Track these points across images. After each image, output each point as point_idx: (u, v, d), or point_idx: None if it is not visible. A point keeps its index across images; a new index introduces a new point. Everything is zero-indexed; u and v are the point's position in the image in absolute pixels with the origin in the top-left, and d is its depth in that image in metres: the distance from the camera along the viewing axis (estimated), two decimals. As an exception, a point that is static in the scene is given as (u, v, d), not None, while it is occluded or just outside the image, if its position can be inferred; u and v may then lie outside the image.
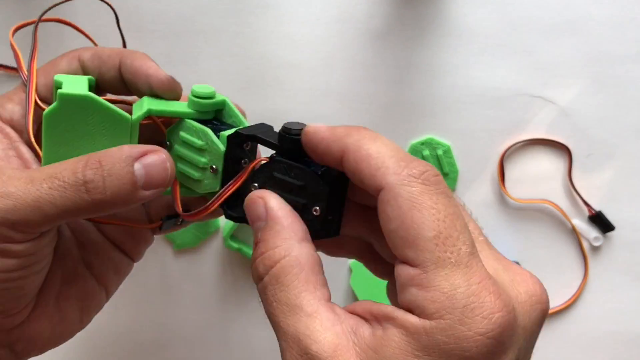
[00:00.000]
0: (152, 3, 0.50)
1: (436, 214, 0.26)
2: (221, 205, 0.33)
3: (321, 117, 0.51)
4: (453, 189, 0.52)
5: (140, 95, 0.36)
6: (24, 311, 0.36)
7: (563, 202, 0.52)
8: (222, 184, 0.34)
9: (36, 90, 0.35)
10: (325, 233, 0.31)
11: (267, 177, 0.32)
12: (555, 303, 0.53)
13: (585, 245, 0.53)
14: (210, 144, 0.33)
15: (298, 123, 0.31)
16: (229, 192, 0.33)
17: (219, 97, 0.35)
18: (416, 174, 0.27)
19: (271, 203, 0.31)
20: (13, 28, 0.37)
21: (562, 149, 0.51)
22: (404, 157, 0.28)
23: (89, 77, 0.36)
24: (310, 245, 0.30)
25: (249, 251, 0.53)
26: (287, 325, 0.28)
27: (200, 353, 0.55)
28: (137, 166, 0.32)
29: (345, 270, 0.54)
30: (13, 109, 0.36)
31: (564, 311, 0.54)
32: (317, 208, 0.30)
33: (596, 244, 0.52)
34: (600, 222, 0.52)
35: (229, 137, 0.33)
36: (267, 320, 0.56)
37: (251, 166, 0.32)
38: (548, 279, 0.53)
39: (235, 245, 0.52)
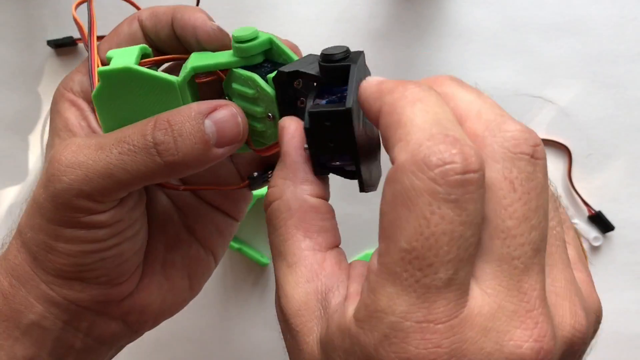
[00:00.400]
0: (152, 3, 0.50)
1: (423, 227, 0.21)
2: None
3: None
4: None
5: (193, 51, 0.33)
6: (132, 280, 0.36)
7: (563, 202, 0.52)
8: None
9: (100, 60, 0.34)
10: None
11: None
12: (555, 303, 0.53)
13: (585, 245, 0.53)
14: (260, 91, 0.31)
15: (339, 47, 0.28)
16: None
17: (263, 36, 0.31)
18: (432, 165, 0.21)
19: (285, 135, 0.29)
20: (75, 3, 0.36)
21: (562, 149, 0.51)
22: (437, 134, 0.21)
23: (142, 46, 0.34)
24: (312, 188, 0.28)
25: (249, 251, 0.53)
26: (275, 269, 0.27)
27: (200, 353, 0.55)
28: (208, 123, 0.31)
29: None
30: (82, 80, 0.35)
31: (564, 311, 0.54)
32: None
33: (596, 244, 0.52)
34: (600, 222, 0.52)
35: (273, 79, 0.30)
36: (267, 320, 0.57)
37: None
38: (548, 279, 0.53)
39: (235, 245, 0.52)
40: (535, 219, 0.22)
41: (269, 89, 0.30)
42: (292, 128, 0.29)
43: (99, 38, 0.36)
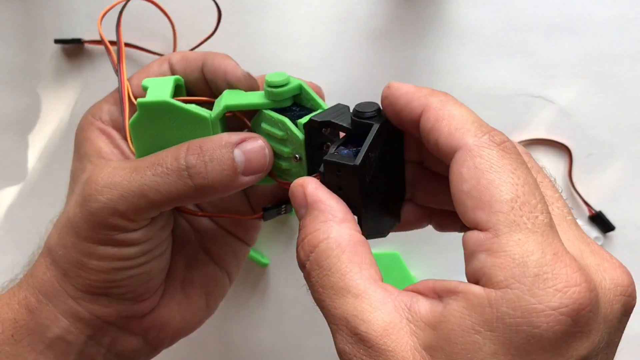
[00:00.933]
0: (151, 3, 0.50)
1: (515, 179, 0.25)
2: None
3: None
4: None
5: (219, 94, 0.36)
6: (155, 297, 0.38)
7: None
8: (309, 172, 0.33)
9: (130, 91, 0.37)
10: (389, 224, 0.31)
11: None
12: (555, 303, 0.53)
13: (585, 245, 0.53)
14: (290, 134, 0.33)
15: (371, 104, 0.30)
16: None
17: (294, 82, 0.34)
18: (497, 141, 0.26)
19: (309, 189, 0.30)
20: (100, 18, 0.38)
21: (562, 149, 0.51)
22: (485, 125, 0.27)
23: (176, 77, 0.37)
24: (352, 225, 0.29)
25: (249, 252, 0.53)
26: (335, 309, 0.27)
27: (200, 353, 0.55)
28: (237, 152, 0.33)
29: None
30: (111, 110, 0.38)
31: (564, 311, 0.54)
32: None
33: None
34: (601, 222, 0.52)
35: (305, 125, 0.32)
36: (267, 320, 0.57)
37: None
38: (548, 279, 0.53)
39: (235, 245, 0.52)
40: (553, 188, 0.29)
41: (298, 133, 0.33)
42: (312, 182, 0.30)
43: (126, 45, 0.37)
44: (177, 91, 0.36)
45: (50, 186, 0.53)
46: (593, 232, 0.52)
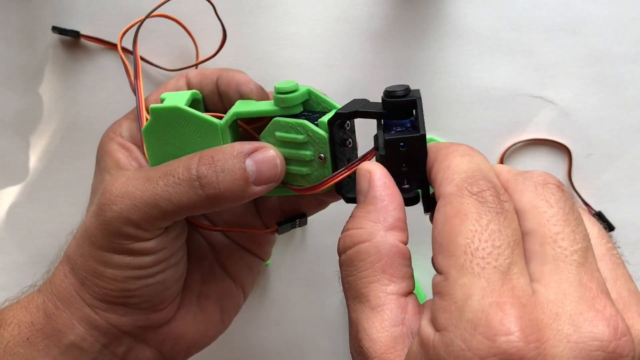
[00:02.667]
0: (152, 3, 0.50)
1: (476, 225, 0.24)
2: (338, 191, 0.34)
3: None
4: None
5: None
6: (171, 308, 0.38)
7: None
8: (334, 169, 0.33)
9: (146, 108, 0.37)
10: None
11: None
12: (555, 303, 0.53)
13: (585, 245, 0.53)
14: (312, 135, 0.33)
15: (400, 85, 0.31)
16: (342, 177, 0.33)
17: (302, 88, 0.34)
18: (474, 191, 0.26)
19: (376, 179, 0.29)
20: (120, 36, 0.39)
21: (562, 149, 0.51)
22: (476, 175, 0.26)
23: (193, 91, 0.38)
24: (401, 235, 0.29)
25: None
26: (352, 312, 0.28)
27: (200, 353, 0.55)
28: (249, 162, 0.33)
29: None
30: (130, 127, 0.39)
31: (564, 311, 0.54)
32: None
33: (596, 244, 0.52)
34: (600, 223, 0.52)
35: (329, 121, 0.33)
36: (267, 320, 0.57)
37: (367, 158, 0.32)
38: (548, 279, 0.53)
39: (235, 245, 0.52)
40: (574, 223, 0.26)
41: (322, 132, 0.33)
42: (379, 173, 0.30)
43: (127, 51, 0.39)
44: (194, 105, 0.37)
45: (51, 186, 0.53)
46: (593, 232, 0.52)
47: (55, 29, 0.49)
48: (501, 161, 0.51)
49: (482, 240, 0.24)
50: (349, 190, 0.34)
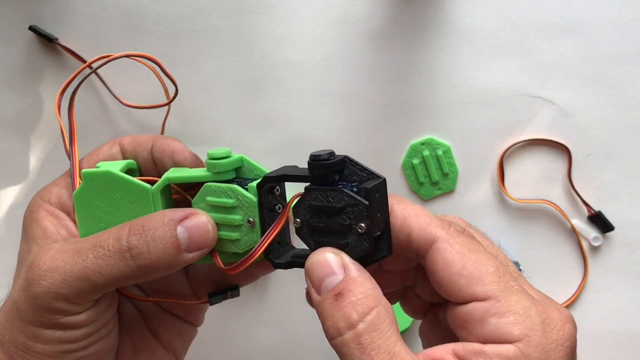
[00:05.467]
0: (153, 4, 0.50)
1: (489, 254, 0.30)
2: (266, 257, 0.33)
3: (321, 117, 0.51)
4: (453, 189, 0.52)
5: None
6: None
7: (562, 202, 0.52)
8: (262, 234, 0.33)
9: (79, 174, 0.37)
10: (379, 253, 0.31)
11: (306, 210, 0.31)
12: (555, 303, 0.53)
13: (584, 245, 0.53)
14: (241, 199, 0.33)
15: (323, 150, 0.32)
16: (273, 235, 0.33)
17: (235, 155, 0.35)
18: (460, 230, 0.31)
19: (346, 259, 0.30)
20: (57, 99, 0.39)
21: (561, 149, 0.51)
22: (441, 217, 0.32)
23: (129, 160, 0.38)
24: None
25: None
26: None
27: (200, 353, 0.55)
28: (180, 229, 0.33)
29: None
30: (59, 193, 0.38)
31: (564, 311, 0.54)
32: (362, 225, 0.30)
33: (596, 244, 0.52)
34: (600, 222, 0.52)
35: (258, 185, 0.33)
36: (267, 320, 0.56)
37: (291, 201, 0.32)
38: (547, 279, 0.53)
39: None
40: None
41: (251, 195, 0.33)
42: (342, 253, 0.31)
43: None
44: (129, 174, 0.36)
45: (51, 186, 0.53)
46: (592, 232, 0.52)
47: (32, 29, 0.49)
48: (501, 161, 0.51)
49: (500, 264, 0.29)
50: (278, 256, 0.34)
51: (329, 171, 0.30)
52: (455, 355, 0.29)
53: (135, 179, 0.35)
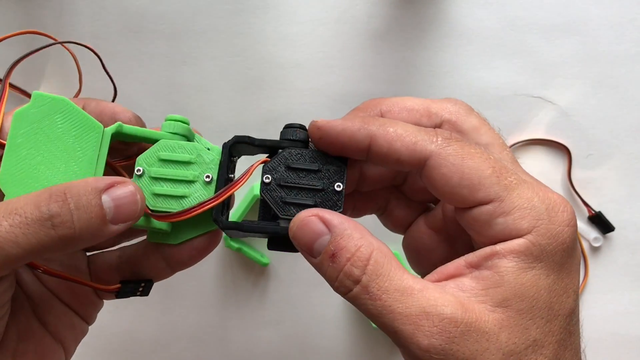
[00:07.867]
0: (153, 4, 0.50)
1: (483, 155, 0.30)
2: (215, 216, 0.32)
3: (321, 117, 0.51)
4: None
5: None
6: None
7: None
8: (216, 191, 0.33)
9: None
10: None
11: (279, 167, 0.32)
12: (555, 303, 0.53)
13: (585, 245, 0.52)
14: (203, 155, 0.33)
15: (292, 124, 0.33)
16: (232, 191, 0.32)
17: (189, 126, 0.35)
18: (447, 136, 0.30)
19: (326, 215, 0.30)
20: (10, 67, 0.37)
21: (561, 149, 0.51)
22: (424, 129, 0.31)
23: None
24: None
25: (249, 251, 0.53)
26: (407, 308, 0.28)
27: (200, 353, 0.55)
28: (105, 199, 0.30)
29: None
30: None
31: (564, 311, 0.54)
32: (340, 184, 0.32)
33: (596, 244, 0.52)
34: (600, 223, 0.52)
35: (225, 144, 0.33)
36: (267, 320, 0.56)
37: (257, 163, 0.32)
38: (548, 279, 0.53)
39: (235, 245, 0.52)
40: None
41: (214, 154, 0.34)
42: (325, 211, 0.31)
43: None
44: None
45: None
46: (592, 233, 0.52)
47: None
48: (501, 161, 0.51)
49: (495, 162, 0.29)
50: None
51: (301, 140, 0.33)
52: (469, 265, 0.29)
53: (92, 117, 0.33)
